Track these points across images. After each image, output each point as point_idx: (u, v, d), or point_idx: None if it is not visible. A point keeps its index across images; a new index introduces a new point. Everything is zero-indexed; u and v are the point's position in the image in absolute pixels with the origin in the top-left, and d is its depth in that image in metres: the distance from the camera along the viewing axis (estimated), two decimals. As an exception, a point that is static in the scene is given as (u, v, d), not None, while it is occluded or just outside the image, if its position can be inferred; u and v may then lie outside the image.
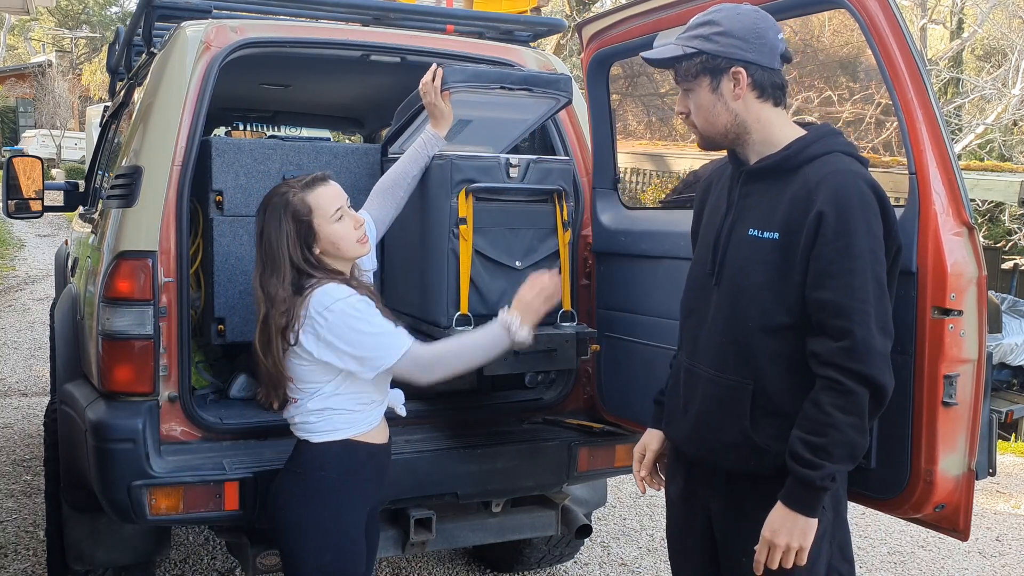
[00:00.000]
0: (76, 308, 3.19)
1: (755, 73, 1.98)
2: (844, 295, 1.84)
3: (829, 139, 1.99)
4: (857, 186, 1.88)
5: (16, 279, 12.68)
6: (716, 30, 1.98)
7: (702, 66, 1.99)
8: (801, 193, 1.92)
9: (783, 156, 1.99)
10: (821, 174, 1.92)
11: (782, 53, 2.00)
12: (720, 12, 2.01)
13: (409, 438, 2.93)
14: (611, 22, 2.86)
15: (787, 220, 1.93)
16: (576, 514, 3.20)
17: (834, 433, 1.83)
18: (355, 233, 2.36)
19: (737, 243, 2.03)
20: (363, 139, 5.87)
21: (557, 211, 2.87)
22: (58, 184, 5.26)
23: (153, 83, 2.89)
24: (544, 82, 2.90)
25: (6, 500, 4.70)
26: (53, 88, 28.64)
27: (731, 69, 1.97)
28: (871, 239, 1.86)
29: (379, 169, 3.28)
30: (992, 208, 14.68)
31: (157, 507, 2.58)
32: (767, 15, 2.02)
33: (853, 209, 1.86)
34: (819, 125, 2.07)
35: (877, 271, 1.87)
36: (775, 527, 1.90)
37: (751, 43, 1.97)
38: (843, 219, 1.86)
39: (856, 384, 1.83)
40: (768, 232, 1.96)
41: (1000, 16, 19.30)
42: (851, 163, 1.94)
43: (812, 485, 1.85)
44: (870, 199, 1.88)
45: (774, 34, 1.99)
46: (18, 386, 7.25)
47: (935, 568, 4.51)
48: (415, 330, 2.95)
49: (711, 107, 2.02)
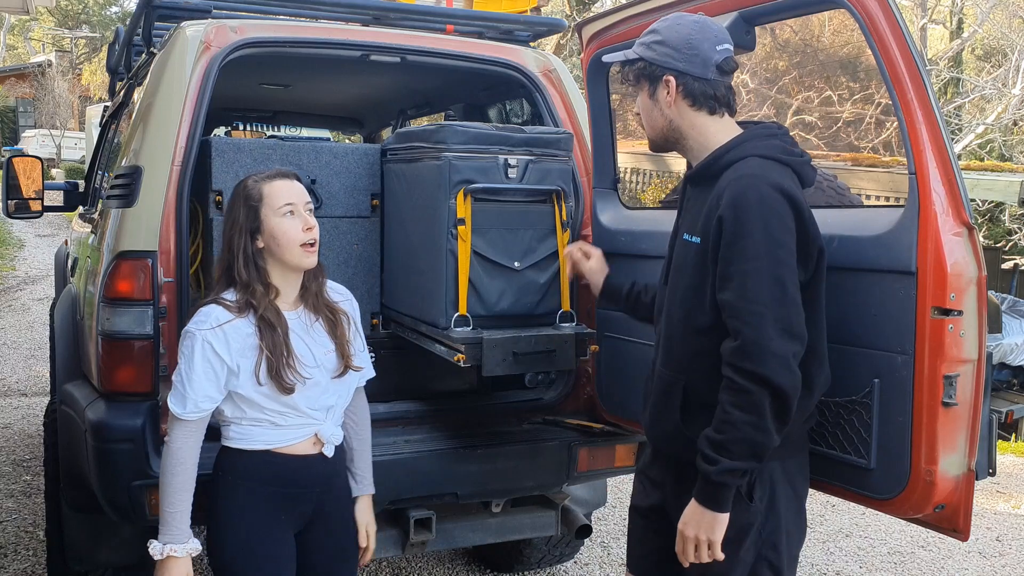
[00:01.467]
0: (76, 308, 3.19)
1: (685, 82, 2.06)
2: (738, 296, 1.91)
3: (747, 144, 2.05)
4: (757, 189, 1.93)
5: (16, 279, 12.68)
6: (656, 39, 2.09)
7: (640, 72, 2.12)
8: (713, 199, 2.00)
9: (705, 163, 2.09)
10: (728, 180, 1.99)
11: (718, 64, 2.06)
12: (664, 22, 2.11)
13: (409, 438, 2.93)
14: (611, 22, 2.86)
15: (704, 225, 2.02)
16: (576, 514, 3.20)
17: (731, 431, 1.90)
18: (301, 235, 2.24)
19: (677, 246, 2.15)
20: (363, 139, 5.88)
21: (556, 211, 2.87)
22: (58, 184, 5.26)
23: (153, 83, 2.89)
24: (545, 143, 2.86)
25: (6, 500, 4.70)
26: (53, 88, 28.66)
27: (663, 77, 2.08)
28: (768, 241, 1.90)
29: (379, 169, 3.28)
30: (992, 208, 14.68)
31: (157, 507, 2.58)
32: (710, 27, 2.09)
33: (749, 212, 1.91)
34: (748, 130, 2.11)
35: (778, 273, 1.89)
36: (686, 520, 2.00)
37: (683, 53, 2.06)
38: (739, 222, 1.92)
39: (750, 383, 1.88)
40: (694, 236, 2.06)
41: (1000, 16, 19.30)
42: (761, 167, 1.98)
43: (710, 480, 1.92)
44: (772, 202, 1.92)
45: (710, 45, 2.06)
46: (18, 386, 7.25)
47: (935, 568, 4.51)
48: (414, 331, 2.96)
49: (649, 111, 2.15)
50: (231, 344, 2.20)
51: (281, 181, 2.29)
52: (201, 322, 2.21)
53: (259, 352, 2.21)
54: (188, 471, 2.22)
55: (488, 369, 2.64)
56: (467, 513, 3.08)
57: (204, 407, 2.21)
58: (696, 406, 2.06)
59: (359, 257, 3.27)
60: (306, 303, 2.35)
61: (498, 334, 2.68)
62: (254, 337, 2.22)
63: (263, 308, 2.23)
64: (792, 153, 2.06)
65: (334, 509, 2.42)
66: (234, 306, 2.24)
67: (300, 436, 2.31)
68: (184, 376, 2.20)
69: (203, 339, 2.19)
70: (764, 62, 14.57)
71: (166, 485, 2.22)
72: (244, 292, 2.25)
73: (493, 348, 2.63)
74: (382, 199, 3.27)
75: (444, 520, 2.98)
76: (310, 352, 2.29)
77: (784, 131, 2.14)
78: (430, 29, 3.44)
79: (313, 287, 2.36)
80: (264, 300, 2.25)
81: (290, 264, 2.28)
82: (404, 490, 2.83)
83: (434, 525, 2.91)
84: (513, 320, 2.82)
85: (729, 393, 1.91)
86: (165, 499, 2.22)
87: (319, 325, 2.35)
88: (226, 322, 2.21)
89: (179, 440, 2.22)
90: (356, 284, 3.17)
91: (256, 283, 2.25)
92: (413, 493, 2.86)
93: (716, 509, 1.95)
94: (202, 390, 2.19)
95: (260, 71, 3.82)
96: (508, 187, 2.80)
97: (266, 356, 2.20)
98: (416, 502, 2.89)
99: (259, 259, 2.27)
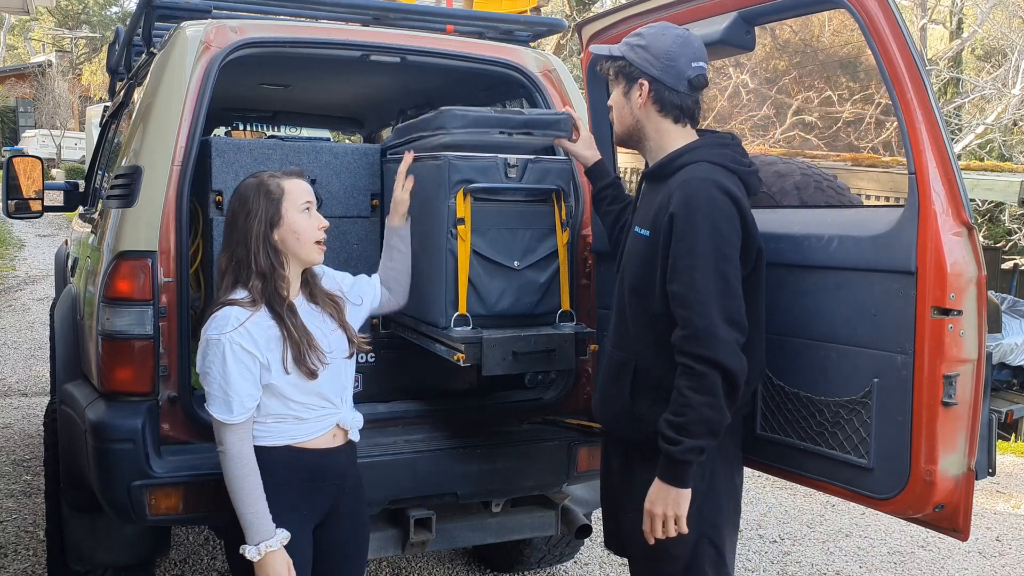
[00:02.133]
0: (76, 308, 3.19)
1: (658, 89, 2.24)
2: (687, 288, 2.08)
3: (700, 150, 2.22)
4: (706, 191, 2.11)
5: (16, 279, 12.68)
6: (640, 43, 2.27)
7: (620, 70, 2.30)
8: (664, 198, 2.17)
9: (659, 164, 2.27)
10: (680, 181, 2.17)
11: (690, 79, 2.23)
12: (651, 29, 2.29)
13: (409, 438, 2.93)
14: (611, 22, 2.86)
15: (655, 220, 2.19)
16: (576, 514, 3.20)
17: (690, 412, 2.05)
18: (316, 232, 2.33)
19: (628, 238, 2.34)
20: (363, 139, 5.87)
21: (556, 211, 2.87)
22: (58, 184, 5.26)
23: (153, 83, 2.89)
24: (544, 124, 2.87)
25: (6, 500, 4.70)
26: (53, 88, 28.64)
27: (639, 80, 2.25)
28: (715, 238, 2.07)
29: (379, 169, 3.28)
30: (992, 208, 14.68)
31: (157, 507, 2.58)
32: (691, 43, 2.25)
33: (699, 211, 2.08)
34: (702, 138, 2.28)
35: (723, 268, 2.07)
36: (652, 499, 2.15)
37: (661, 62, 2.23)
38: (689, 220, 2.09)
39: (704, 367, 2.04)
40: (644, 229, 2.24)
41: (1000, 16, 19.30)
42: (712, 171, 2.16)
43: (675, 459, 2.08)
44: (719, 203, 2.10)
45: (686, 61, 2.23)
46: (18, 386, 7.25)
47: (935, 568, 4.51)
48: (414, 330, 2.96)
49: (621, 107, 2.33)
50: (257, 340, 2.24)
51: (300, 180, 2.37)
52: (222, 326, 2.23)
53: (283, 341, 2.26)
54: (253, 470, 2.25)
55: (488, 369, 2.64)
56: (467, 513, 3.08)
57: (249, 406, 2.25)
58: (645, 386, 2.24)
59: (359, 257, 3.27)
60: (305, 293, 2.41)
61: (498, 334, 2.68)
62: (275, 328, 2.27)
63: (276, 299, 2.29)
64: (740, 163, 2.23)
65: (347, 505, 2.44)
66: (248, 302, 2.27)
67: (321, 429, 2.36)
68: (221, 381, 2.22)
69: (230, 342, 2.22)
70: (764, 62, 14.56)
71: (239, 491, 2.23)
72: (262, 282, 2.28)
73: (493, 348, 2.64)
74: (382, 199, 3.27)
75: (444, 520, 2.98)
76: (324, 335, 2.36)
77: (737, 142, 2.30)
78: (430, 29, 3.44)
79: (309, 277, 2.43)
80: (284, 287, 2.31)
81: (302, 258, 2.35)
82: (404, 490, 2.83)
83: (434, 525, 2.91)
84: (513, 320, 2.82)
85: (685, 378, 2.06)
86: (243, 504, 2.23)
87: (321, 310, 2.41)
88: (246, 319, 2.24)
89: (236, 445, 2.24)
90: (356, 284, 3.17)
91: (278, 269, 2.30)
92: (413, 493, 2.86)
93: (680, 486, 2.11)
94: (243, 390, 2.23)
95: (260, 71, 3.82)
96: (508, 187, 2.79)
97: (291, 344, 2.26)
98: (416, 502, 2.89)
99: (276, 248, 2.32)
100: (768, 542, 4.72)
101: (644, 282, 2.22)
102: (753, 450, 2.46)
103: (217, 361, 2.22)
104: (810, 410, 2.30)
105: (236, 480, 2.24)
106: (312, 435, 2.35)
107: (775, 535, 4.82)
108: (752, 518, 5.05)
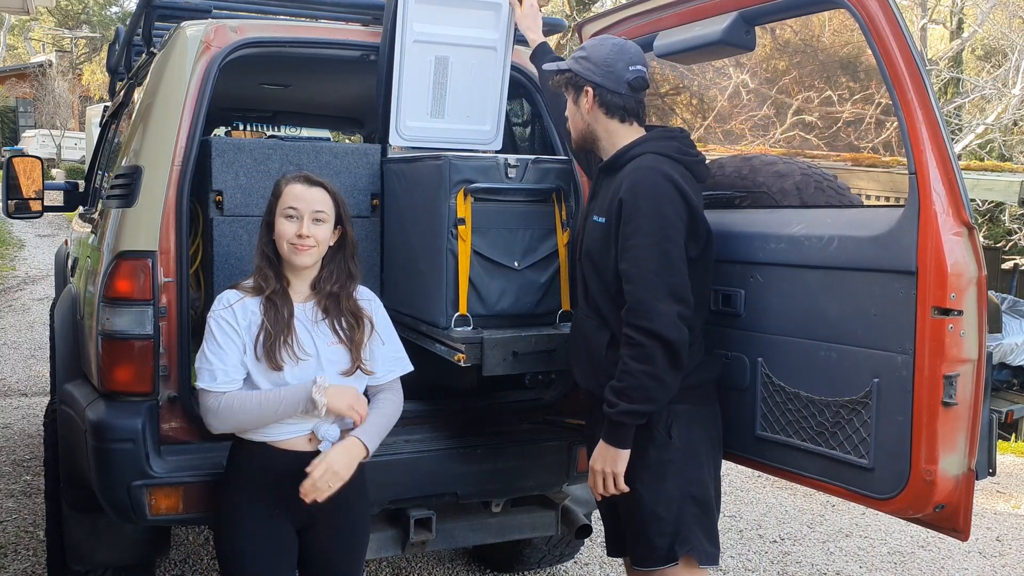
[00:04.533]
0: (76, 308, 3.18)
1: (601, 93, 2.44)
2: (632, 265, 2.27)
3: (648, 143, 2.42)
4: (651, 177, 2.30)
5: (16, 279, 12.68)
6: (583, 55, 2.48)
7: (568, 80, 2.51)
8: (615, 186, 2.37)
9: (613, 157, 2.46)
10: (628, 171, 2.37)
11: (630, 82, 2.42)
12: (592, 42, 2.52)
13: (409, 438, 2.92)
14: (611, 22, 2.86)
15: (608, 207, 2.38)
16: (576, 514, 3.20)
17: (629, 379, 2.25)
18: (291, 237, 2.35)
19: (588, 226, 2.50)
20: (363, 139, 5.87)
21: (556, 211, 2.87)
22: (58, 184, 5.26)
23: (153, 83, 2.89)
24: None
25: (6, 500, 4.70)
26: (53, 88, 28.64)
27: (584, 87, 2.46)
28: (659, 219, 2.26)
29: (379, 169, 3.28)
30: (992, 208, 14.68)
31: (157, 507, 2.58)
32: (627, 50, 2.44)
33: (644, 196, 2.28)
34: (651, 132, 2.47)
35: (665, 247, 2.25)
36: (594, 456, 2.38)
37: (601, 69, 2.43)
38: (635, 204, 2.28)
39: (644, 337, 2.22)
40: (601, 217, 2.42)
41: (1000, 16, 19.29)
42: (656, 160, 2.35)
43: (612, 420, 2.29)
44: (663, 188, 2.29)
45: (623, 65, 2.42)
46: (18, 386, 7.25)
47: (935, 568, 4.51)
48: (414, 330, 2.96)
49: (573, 115, 2.54)
50: (239, 320, 2.36)
51: (299, 185, 2.41)
52: (215, 306, 2.39)
53: (260, 328, 2.35)
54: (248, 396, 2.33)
55: (488, 369, 2.64)
56: (467, 513, 3.08)
57: (233, 376, 2.33)
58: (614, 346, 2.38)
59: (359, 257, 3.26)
60: (317, 301, 2.44)
61: (498, 334, 2.68)
62: (259, 315, 2.36)
63: (271, 290, 2.38)
64: (687, 153, 2.42)
65: (340, 509, 2.43)
66: (249, 288, 2.41)
67: (295, 432, 2.38)
68: (208, 353, 2.34)
69: (219, 317, 2.36)
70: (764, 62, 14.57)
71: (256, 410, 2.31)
72: (258, 274, 2.41)
73: (493, 348, 2.64)
74: (382, 199, 3.27)
75: (444, 520, 2.97)
76: (311, 339, 2.39)
77: (684, 135, 2.49)
78: (430, 29, 3.43)
79: (327, 288, 2.44)
80: (273, 283, 2.39)
81: (284, 257, 2.40)
82: (404, 490, 2.83)
83: (434, 525, 2.91)
84: (513, 320, 2.82)
85: (627, 348, 2.26)
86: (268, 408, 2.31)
87: (326, 324, 2.42)
88: (236, 301, 2.38)
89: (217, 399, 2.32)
90: (356, 284, 3.17)
91: (268, 268, 2.40)
92: (413, 493, 2.86)
93: (617, 446, 2.31)
94: (228, 361, 2.33)
95: (260, 71, 3.82)
96: (508, 187, 2.80)
97: (264, 332, 2.33)
98: (416, 502, 2.89)
99: (271, 248, 2.41)
100: (768, 542, 4.71)
101: (603, 265, 2.40)
102: (753, 450, 2.46)
103: (207, 336, 2.36)
104: (810, 410, 2.30)
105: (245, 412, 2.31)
106: (286, 436, 2.37)
107: (775, 535, 4.82)
108: (752, 518, 5.05)
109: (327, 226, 2.40)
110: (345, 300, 2.45)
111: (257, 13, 3.33)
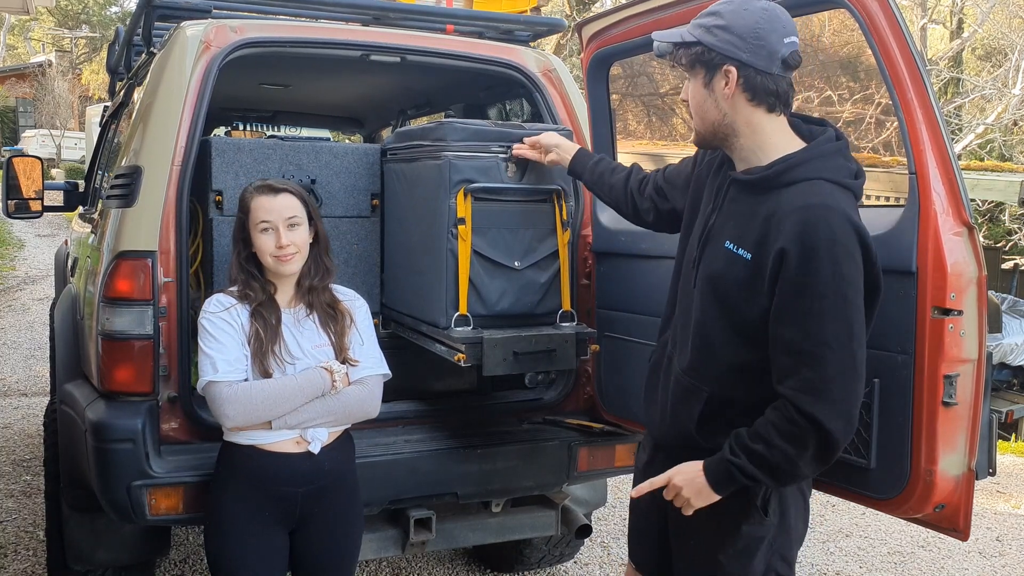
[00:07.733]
0: (76, 308, 3.18)
1: (747, 74, 1.90)
2: (801, 335, 1.82)
3: (816, 163, 1.91)
4: (827, 224, 1.81)
5: (16, 279, 12.68)
6: (718, 23, 1.92)
7: (697, 57, 1.95)
8: (774, 219, 1.88)
9: (763, 176, 1.93)
10: (794, 205, 1.85)
11: (784, 58, 1.90)
12: (729, 5, 1.93)
13: (409, 438, 2.93)
14: (611, 22, 2.86)
15: (759, 242, 1.90)
16: (576, 514, 3.20)
17: (766, 448, 1.86)
18: (274, 251, 2.39)
19: (715, 251, 2.01)
20: (363, 139, 5.87)
21: (556, 211, 2.86)
22: (58, 184, 5.25)
23: (153, 83, 2.89)
24: None
25: (6, 500, 4.70)
26: (53, 88, 28.66)
27: (723, 66, 1.92)
28: (838, 280, 1.80)
29: (379, 169, 3.28)
30: (992, 208, 14.69)
31: (157, 507, 2.59)
32: (779, 16, 1.92)
33: (818, 250, 1.80)
34: (814, 145, 1.95)
35: (846, 313, 1.81)
36: (683, 470, 1.99)
37: (748, 43, 1.89)
38: (807, 259, 1.81)
39: (806, 422, 1.82)
40: (742, 249, 1.94)
41: (1000, 16, 19.30)
42: (831, 194, 1.86)
43: (724, 466, 1.92)
44: (844, 238, 1.81)
45: (777, 37, 1.89)
46: (18, 386, 7.25)
47: (935, 568, 4.51)
48: (415, 331, 2.96)
49: (702, 101, 1.98)
50: (233, 322, 2.40)
51: (265, 197, 2.42)
52: (207, 309, 2.41)
53: (250, 337, 2.39)
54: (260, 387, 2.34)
55: (488, 369, 2.64)
56: (467, 513, 3.08)
57: (236, 366, 2.35)
58: (717, 418, 2.01)
59: (359, 257, 3.27)
60: (302, 300, 2.48)
61: (498, 334, 2.68)
62: (249, 324, 2.41)
63: (257, 301, 2.41)
64: (857, 175, 1.94)
65: (330, 510, 2.45)
66: (237, 295, 2.44)
67: (283, 435, 2.40)
68: (207, 349, 2.35)
69: (215, 317, 2.39)
70: (764, 62, 14.53)
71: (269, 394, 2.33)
72: (241, 283, 2.45)
73: (493, 348, 2.63)
74: (382, 199, 3.27)
75: (444, 520, 2.98)
76: (297, 343, 2.42)
77: (843, 140, 1.98)
78: (430, 29, 3.44)
79: (306, 284, 2.48)
80: (260, 295, 2.42)
81: (270, 269, 2.43)
82: (404, 490, 2.83)
83: (434, 525, 2.91)
84: (513, 320, 2.81)
85: (779, 414, 1.85)
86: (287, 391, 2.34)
87: (312, 320, 2.46)
88: (231, 306, 2.41)
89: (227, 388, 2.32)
90: (356, 284, 3.16)
91: (250, 281, 2.44)
92: (413, 493, 2.86)
93: (714, 487, 1.95)
94: (228, 352, 2.35)
95: (260, 71, 3.82)
96: (508, 187, 2.79)
97: (255, 341, 2.36)
98: (416, 502, 2.89)
99: (251, 262, 2.44)
100: (768, 542, 4.71)
101: (740, 312, 1.94)
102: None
103: (203, 335, 2.38)
104: (811, 410, 2.29)
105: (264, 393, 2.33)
106: (273, 439, 2.39)
107: (775, 535, 4.82)
108: (752, 518, 5.04)
109: (303, 228, 2.44)
110: (323, 292, 2.50)
111: (257, 13, 3.33)
